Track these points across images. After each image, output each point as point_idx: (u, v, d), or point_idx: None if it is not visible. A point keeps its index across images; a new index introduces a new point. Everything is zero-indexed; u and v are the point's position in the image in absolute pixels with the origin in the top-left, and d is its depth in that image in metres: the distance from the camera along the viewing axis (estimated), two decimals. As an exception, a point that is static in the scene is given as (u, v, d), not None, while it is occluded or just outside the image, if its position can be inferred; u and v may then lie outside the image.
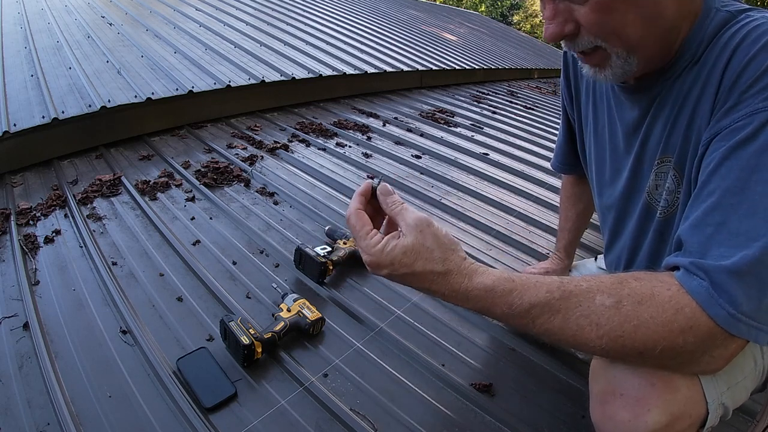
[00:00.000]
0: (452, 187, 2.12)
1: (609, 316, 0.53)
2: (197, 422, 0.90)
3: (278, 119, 2.74)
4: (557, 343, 0.58)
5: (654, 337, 0.52)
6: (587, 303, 0.54)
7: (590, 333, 0.54)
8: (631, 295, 0.53)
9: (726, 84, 0.57)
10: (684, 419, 0.60)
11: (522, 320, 0.56)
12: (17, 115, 1.94)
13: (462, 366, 1.11)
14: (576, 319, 0.54)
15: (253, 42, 3.54)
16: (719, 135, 0.57)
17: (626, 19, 0.58)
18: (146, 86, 2.37)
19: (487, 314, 0.58)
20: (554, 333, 0.55)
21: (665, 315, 0.52)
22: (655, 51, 0.63)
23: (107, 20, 3.59)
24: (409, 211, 0.61)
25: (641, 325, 0.52)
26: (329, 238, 1.54)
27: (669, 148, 0.69)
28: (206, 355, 1.04)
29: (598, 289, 0.55)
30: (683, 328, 0.51)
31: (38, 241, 1.42)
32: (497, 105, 3.88)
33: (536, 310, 0.55)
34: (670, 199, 0.70)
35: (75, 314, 1.16)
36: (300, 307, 1.14)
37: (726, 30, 0.60)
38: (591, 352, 0.56)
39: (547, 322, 0.55)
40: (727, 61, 0.58)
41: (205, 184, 1.85)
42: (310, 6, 5.37)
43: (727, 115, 0.57)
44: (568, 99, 0.96)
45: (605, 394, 0.63)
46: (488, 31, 8.57)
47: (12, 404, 0.91)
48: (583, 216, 1.19)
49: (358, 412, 0.97)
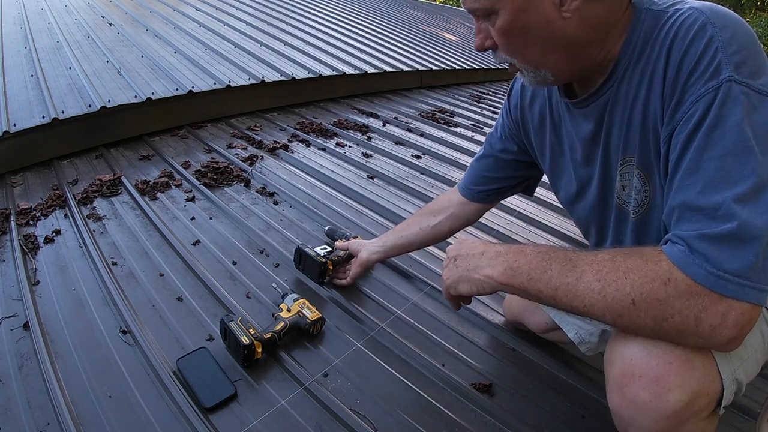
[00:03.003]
0: (452, 187, 2.11)
1: (605, 263, 0.61)
2: (197, 422, 0.90)
3: (278, 119, 2.74)
4: (560, 295, 0.64)
5: (640, 282, 0.58)
6: (592, 257, 0.63)
7: (591, 276, 0.61)
8: (624, 252, 0.62)
9: (670, 77, 0.62)
10: (702, 397, 0.61)
11: (542, 260, 0.66)
12: (17, 115, 1.94)
13: (462, 366, 1.11)
14: (582, 265, 0.63)
15: (253, 42, 3.53)
16: (676, 129, 0.62)
17: (524, 42, 0.68)
18: (146, 86, 2.37)
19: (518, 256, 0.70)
20: (565, 275, 0.63)
21: (647, 265, 0.58)
22: (566, 65, 0.70)
23: (107, 20, 3.59)
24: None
25: (629, 271, 0.59)
26: (329, 238, 1.54)
27: (629, 148, 0.72)
28: (206, 355, 1.04)
29: (600, 251, 0.64)
30: (663, 278, 0.57)
31: (38, 241, 1.42)
32: (497, 105, 3.88)
33: (554, 253, 0.67)
34: (639, 198, 0.73)
35: (75, 314, 1.16)
36: (300, 307, 1.14)
37: (661, 27, 0.64)
38: (590, 302, 0.61)
39: (562, 263, 0.65)
40: (666, 56, 0.62)
41: (205, 184, 1.85)
42: (310, 6, 5.37)
43: (678, 108, 0.61)
44: (511, 127, 1.01)
45: (623, 377, 0.63)
46: (488, 31, 8.54)
47: (12, 404, 0.91)
48: (425, 238, 1.22)
49: (358, 412, 0.97)
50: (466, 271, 0.75)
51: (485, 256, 0.73)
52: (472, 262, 0.75)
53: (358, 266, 1.29)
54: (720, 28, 0.59)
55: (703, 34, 0.59)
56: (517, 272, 0.68)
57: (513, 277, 0.69)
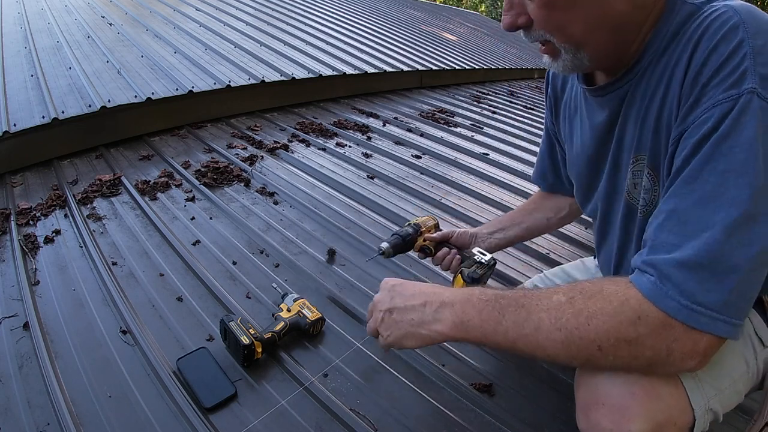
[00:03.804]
0: (452, 187, 2.12)
1: (564, 310, 0.57)
2: (197, 422, 0.90)
3: (278, 119, 2.74)
4: (521, 346, 0.60)
5: (605, 328, 0.54)
6: (546, 301, 0.59)
7: (550, 325, 0.57)
8: (583, 292, 0.58)
9: (690, 76, 0.57)
10: (669, 427, 0.60)
11: (492, 311, 0.62)
12: (17, 115, 1.94)
13: (462, 366, 1.11)
14: (538, 312, 0.59)
15: (253, 42, 3.53)
16: (686, 132, 0.57)
17: (569, 16, 0.61)
18: (146, 86, 2.37)
19: (464, 306, 0.65)
20: (521, 325, 0.59)
21: (612, 306, 0.55)
22: (608, 48, 0.64)
23: (107, 20, 3.59)
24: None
25: (592, 316, 0.55)
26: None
27: (642, 147, 0.69)
28: (206, 355, 1.04)
29: (555, 291, 0.60)
30: (631, 318, 0.54)
31: (38, 241, 1.42)
32: (497, 105, 3.88)
33: (505, 300, 0.62)
34: (647, 197, 0.70)
35: (75, 314, 1.16)
36: (300, 307, 1.14)
37: (691, 22, 0.59)
38: (552, 350, 0.58)
39: (515, 313, 0.60)
40: (690, 54, 0.57)
41: (205, 184, 1.85)
42: (310, 6, 5.37)
43: (692, 111, 0.57)
44: (550, 117, 0.98)
45: (588, 404, 0.63)
46: (488, 31, 8.57)
47: (12, 404, 0.91)
48: (526, 231, 1.14)
49: (358, 412, 0.97)
50: (410, 326, 0.69)
51: (429, 309, 0.67)
52: (416, 316, 0.68)
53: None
54: (753, 34, 0.53)
55: (733, 36, 0.54)
56: (469, 326, 0.64)
57: (465, 331, 0.64)
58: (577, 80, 0.81)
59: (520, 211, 1.17)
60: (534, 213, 1.13)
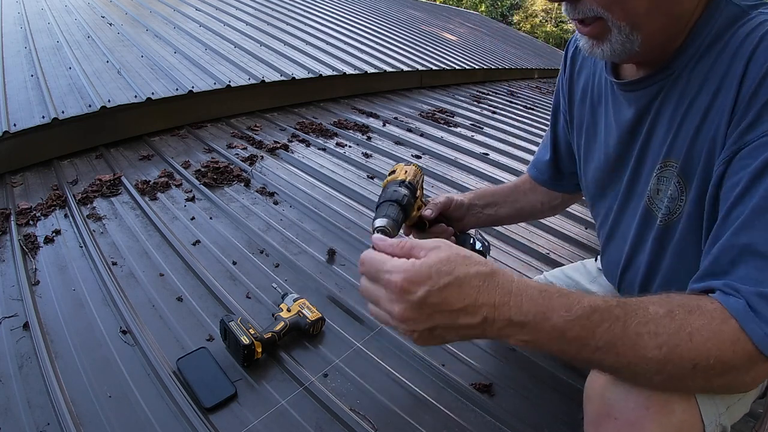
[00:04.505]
0: (452, 187, 2.12)
1: (665, 324, 0.49)
2: (197, 422, 0.90)
3: (278, 119, 2.74)
4: (605, 365, 0.52)
5: (708, 346, 0.49)
6: (642, 312, 0.50)
7: (649, 342, 0.49)
8: (681, 306, 0.51)
9: (745, 95, 0.53)
10: None
11: (581, 331, 0.49)
12: (17, 115, 1.94)
13: (462, 366, 1.11)
14: (635, 327, 0.49)
15: (253, 42, 3.54)
16: (742, 151, 0.53)
17: None
18: (146, 86, 2.37)
19: (540, 325, 0.49)
20: (614, 344, 0.50)
21: (714, 324, 0.49)
22: (661, 33, 0.59)
23: (107, 20, 3.59)
24: (422, 240, 0.53)
25: (695, 333, 0.49)
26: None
27: (674, 152, 0.64)
28: (206, 355, 1.04)
29: (650, 301, 0.52)
30: (732, 339, 0.49)
31: (38, 241, 1.42)
32: (497, 105, 3.88)
33: (597, 315, 0.49)
34: (672, 206, 0.66)
35: (75, 314, 1.16)
36: (300, 307, 1.14)
37: (738, 28, 0.56)
38: (643, 368, 0.51)
39: (609, 331, 0.49)
40: (744, 67, 0.54)
41: (205, 184, 1.85)
42: (310, 6, 5.37)
43: (750, 131, 0.53)
44: (565, 105, 0.93)
45: (599, 417, 0.61)
46: (488, 31, 8.57)
47: (12, 404, 0.91)
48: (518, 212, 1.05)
49: (358, 412, 0.97)
50: (462, 338, 0.53)
51: (491, 328, 0.50)
52: (472, 333, 0.51)
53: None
54: None
55: None
56: (544, 347, 0.51)
57: (537, 349, 0.53)
58: (604, 70, 0.75)
59: (515, 189, 1.07)
60: (529, 194, 1.06)
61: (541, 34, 20.55)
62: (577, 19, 0.59)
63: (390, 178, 0.84)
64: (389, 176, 0.85)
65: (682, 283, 0.59)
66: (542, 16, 22.82)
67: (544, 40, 17.52)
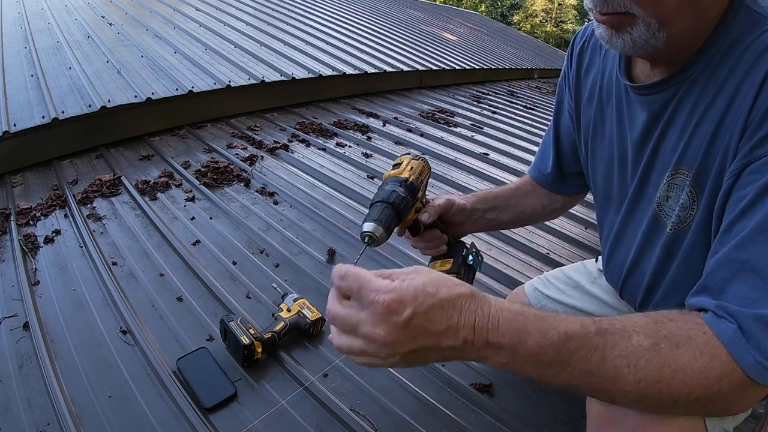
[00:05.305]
0: (452, 187, 2.12)
1: (648, 359, 0.48)
2: (197, 422, 0.90)
3: (278, 119, 2.74)
4: (583, 390, 0.52)
5: (691, 384, 0.48)
6: (624, 342, 0.49)
7: (628, 376, 0.48)
8: (669, 338, 0.49)
9: (760, 107, 0.53)
10: None
11: (556, 356, 0.48)
12: (17, 115, 1.94)
13: (462, 366, 1.11)
14: (614, 359, 0.48)
15: (253, 42, 3.54)
16: (752, 165, 0.53)
17: None
18: (146, 86, 2.37)
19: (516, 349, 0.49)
20: (590, 374, 0.49)
21: (702, 361, 0.48)
22: (687, 36, 0.58)
23: (107, 20, 3.59)
24: (399, 269, 0.52)
25: (679, 371, 0.48)
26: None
27: (686, 160, 0.63)
28: (206, 355, 1.04)
29: (634, 329, 0.50)
30: (720, 375, 0.48)
31: (38, 241, 1.42)
32: (497, 105, 3.88)
33: (573, 343, 0.48)
34: (682, 215, 0.65)
35: (75, 314, 1.16)
36: (300, 307, 1.14)
37: (757, 35, 0.55)
38: (621, 399, 0.50)
39: (585, 360, 0.48)
40: (762, 78, 0.53)
41: (205, 184, 1.85)
42: (310, 6, 5.37)
43: (762, 145, 0.52)
44: (569, 99, 0.90)
45: (601, 421, 0.61)
46: (488, 31, 8.57)
47: (12, 404, 0.91)
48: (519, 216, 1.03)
49: (358, 412, 0.97)
50: (438, 359, 0.52)
51: (470, 349, 0.49)
52: (452, 355, 0.51)
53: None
54: None
55: None
56: (520, 370, 0.51)
57: (515, 372, 0.52)
58: (617, 72, 0.74)
59: (516, 192, 1.04)
60: (530, 197, 1.04)
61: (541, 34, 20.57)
62: (606, 13, 0.57)
63: (393, 172, 0.79)
64: (392, 170, 0.80)
65: (687, 290, 0.58)
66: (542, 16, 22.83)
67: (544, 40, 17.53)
